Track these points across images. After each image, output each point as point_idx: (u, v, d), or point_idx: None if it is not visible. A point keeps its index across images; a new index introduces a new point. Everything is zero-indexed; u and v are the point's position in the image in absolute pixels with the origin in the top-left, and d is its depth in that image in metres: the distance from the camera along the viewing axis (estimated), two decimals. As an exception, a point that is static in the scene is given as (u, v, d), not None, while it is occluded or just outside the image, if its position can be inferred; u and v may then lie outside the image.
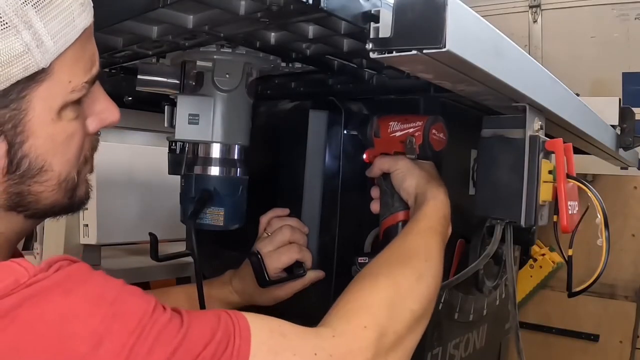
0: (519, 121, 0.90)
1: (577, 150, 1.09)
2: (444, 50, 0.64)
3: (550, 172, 0.91)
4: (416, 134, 0.98)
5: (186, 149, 1.12)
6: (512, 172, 0.90)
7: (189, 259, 1.08)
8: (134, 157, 1.68)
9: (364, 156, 1.07)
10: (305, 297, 1.18)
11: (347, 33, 0.83)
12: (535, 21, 2.60)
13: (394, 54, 0.68)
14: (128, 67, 1.14)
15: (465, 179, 1.21)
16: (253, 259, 1.10)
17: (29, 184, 0.63)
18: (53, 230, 1.63)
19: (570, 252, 1.11)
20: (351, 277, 1.14)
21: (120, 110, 1.61)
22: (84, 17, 0.63)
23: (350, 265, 1.09)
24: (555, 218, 0.95)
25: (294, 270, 1.10)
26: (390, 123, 1.02)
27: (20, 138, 0.60)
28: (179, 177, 1.13)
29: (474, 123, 0.97)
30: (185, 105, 1.05)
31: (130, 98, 1.55)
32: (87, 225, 1.59)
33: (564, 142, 0.94)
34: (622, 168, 1.96)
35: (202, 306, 1.07)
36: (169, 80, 1.10)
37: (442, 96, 1.08)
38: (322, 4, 0.69)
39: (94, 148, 0.75)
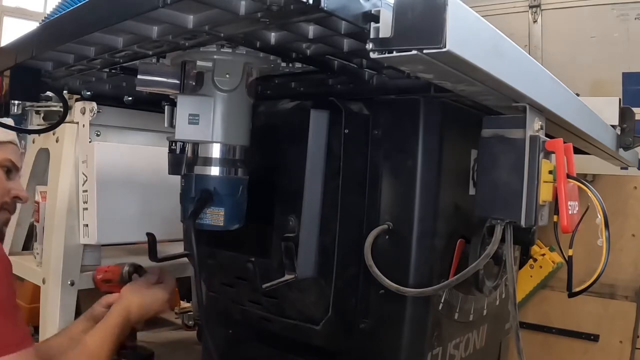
0: (519, 121, 0.90)
1: (577, 150, 1.09)
2: (444, 50, 0.64)
3: (550, 172, 0.91)
4: None
5: (186, 149, 1.12)
6: (512, 172, 0.90)
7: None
8: (134, 157, 1.68)
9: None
10: (305, 296, 1.18)
11: (347, 33, 0.83)
12: (535, 21, 2.60)
13: (394, 54, 0.68)
14: (128, 67, 1.14)
15: (465, 179, 1.21)
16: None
17: None
18: (53, 230, 1.63)
19: (570, 252, 1.11)
20: (351, 277, 1.15)
21: (120, 110, 1.64)
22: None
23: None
24: (555, 218, 0.95)
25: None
26: None
27: None
28: (179, 177, 1.13)
29: (474, 123, 0.97)
30: (185, 105, 1.05)
31: (130, 98, 1.55)
32: (87, 225, 1.59)
33: (564, 142, 0.94)
34: (622, 168, 1.96)
35: (201, 305, 1.07)
36: (169, 80, 1.10)
37: (442, 96, 1.08)
38: (322, 4, 0.69)
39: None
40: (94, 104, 1.56)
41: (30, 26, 1.09)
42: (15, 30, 4.69)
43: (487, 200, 0.94)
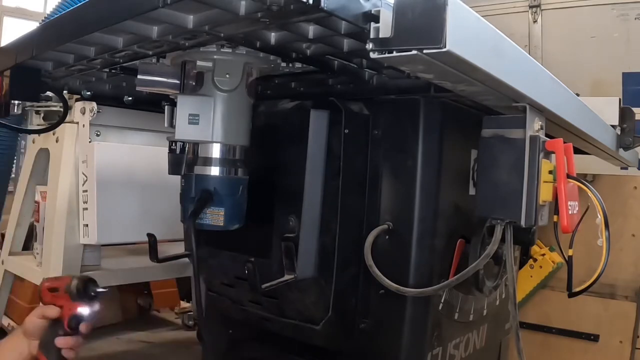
0: (519, 121, 0.90)
1: (577, 150, 1.09)
2: (444, 50, 0.64)
3: (550, 172, 0.91)
4: None
5: (186, 149, 1.12)
6: (513, 172, 0.90)
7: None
8: (134, 157, 1.68)
9: None
10: (305, 296, 1.18)
11: (347, 33, 0.83)
12: (535, 21, 2.60)
13: (394, 54, 0.68)
14: (128, 67, 1.14)
15: (465, 179, 1.21)
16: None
17: None
18: (53, 230, 1.63)
19: (570, 252, 1.11)
20: (351, 277, 1.15)
21: (120, 110, 1.63)
22: None
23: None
24: (555, 218, 0.95)
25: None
26: None
27: None
28: (179, 177, 1.13)
29: (474, 123, 0.97)
30: (185, 105, 1.05)
31: (130, 98, 1.55)
32: (87, 225, 1.59)
33: (564, 142, 0.93)
34: (622, 168, 1.96)
35: (200, 308, 1.07)
36: (169, 80, 1.10)
37: (442, 96, 1.08)
38: (322, 4, 0.69)
39: None
40: (94, 104, 1.57)
41: (30, 26, 1.09)
42: (15, 30, 4.69)
43: (487, 200, 0.94)
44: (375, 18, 0.72)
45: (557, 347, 2.50)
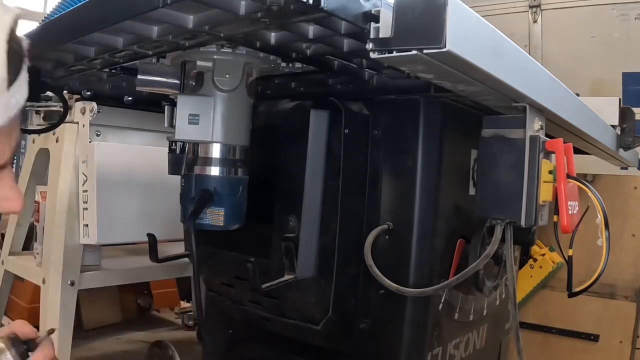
0: (519, 121, 0.90)
1: (577, 150, 1.09)
2: (444, 50, 0.64)
3: (550, 172, 0.91)
4: None
5: (186, 149, 1.12)
6: (513, 172, 0.90)
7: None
8: (134, 157, 1.68)
9: None
10: (305, 296, 1.18)
11: (347, 33, 0.83)
12: (535, 21, 2.60)
13: (394, 54, 0.68)
14: (128, 67, 1.14)
15: (465, 179, 1.21)
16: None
17: None
18: (53, 230, 1.63)
19: (570, 252, 1.11)
20: (351, 277, 1.15)
21: (120, 110, 1.59)
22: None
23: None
24: (555, 218, 0.95)
25: None
26: None
27: None
28: (179, 177, 1.13)
29: (474, 123, 0.97)
30: (185, 105, 1.05)
31: (130, 98, 1.55)
32: (87, 225, 1.59)
33: (564, 142, 0.94)
34: (622, 168, 1.96)
35: (200, 308, 1.07)
36: (169, 80, 1.10)
37: (442, 96, 1.08)
38: (322, 4, 0.69)
39: None
40: (94, 104, 1.57)
41: (30, 26, 1.09)
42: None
43: (487, 200, 0.94)
44: (375, 18, 0.72)
45: (557, 347, 2.50)
